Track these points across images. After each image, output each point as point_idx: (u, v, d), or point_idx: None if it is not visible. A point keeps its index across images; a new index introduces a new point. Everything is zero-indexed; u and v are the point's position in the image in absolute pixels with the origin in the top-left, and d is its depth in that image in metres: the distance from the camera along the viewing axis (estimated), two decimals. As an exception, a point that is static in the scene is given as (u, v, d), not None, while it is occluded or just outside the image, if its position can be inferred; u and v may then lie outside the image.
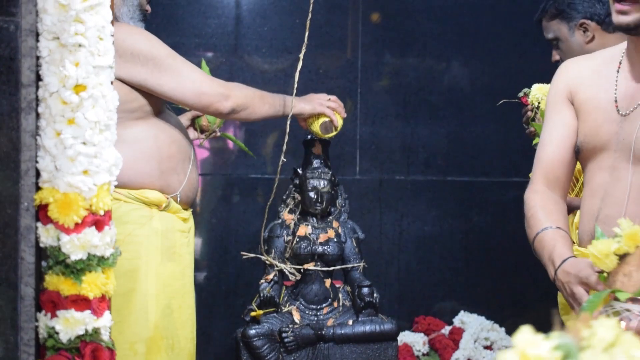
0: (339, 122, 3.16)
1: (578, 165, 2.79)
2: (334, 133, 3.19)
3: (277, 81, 4.33)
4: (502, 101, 2.94)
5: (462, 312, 4.43)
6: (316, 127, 3.14)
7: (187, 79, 2.73)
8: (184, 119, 3.12)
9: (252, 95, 2.89)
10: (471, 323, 4.32)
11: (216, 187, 4.47)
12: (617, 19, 2.27)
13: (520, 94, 2.85)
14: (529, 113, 2.83)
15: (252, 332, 3.24)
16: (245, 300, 3.39)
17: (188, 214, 2.89)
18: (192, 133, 3.15)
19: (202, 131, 3.15)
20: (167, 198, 2.75)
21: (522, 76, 2.93)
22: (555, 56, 3.03)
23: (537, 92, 2.79)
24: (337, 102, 3.15)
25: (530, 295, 4.22)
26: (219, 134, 3.24)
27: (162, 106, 2.81)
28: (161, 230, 2.74)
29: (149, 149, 2.72)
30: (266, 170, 4.32)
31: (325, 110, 3.11)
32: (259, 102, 2.89)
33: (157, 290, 2.71)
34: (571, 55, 2.90)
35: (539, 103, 2.78)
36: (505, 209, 4.42)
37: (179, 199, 2.80)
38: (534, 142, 2.80)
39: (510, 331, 4.31)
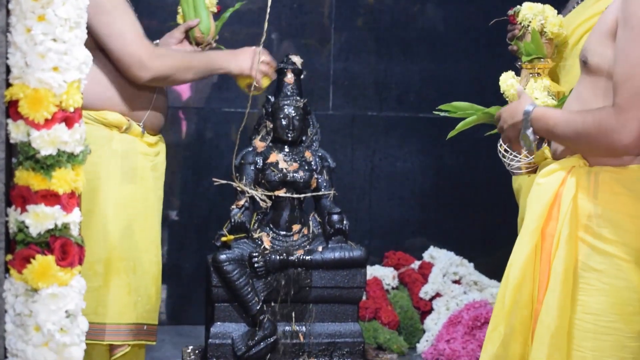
0: (264, 84, 3.04)
1: (560, 87, 2.80)
2: (260, 92, 3.09)
3: (251, 16, 4.32)
4: (493, 21, 2.93)
5: (431, 247, 4.49)
6: (242, 85, 3.07)
7: (120, 33, 2.65)
8: (178, 32, 3.03)
9: (176, 66, 2.78)
10: (440, 258, 4.37)
11: (189, 121, 4.47)
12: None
13: (510, 12, 2.84)
14: (516, 32, 2.82)
15: (223, 257, 3.27)
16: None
17: (155, 139, 2.85)
18: (188, 45, 3.10)
19: (197, 43, 3.10)
20: (128, 120, 2.73)
21: (496, 14, 2.92)
22: None
23: (527, 11, 2.78)
24: (269, 65, 3.03)
25: (499, 232, 4.27)
26: (214, 45, 3.17)
27: None
28: (121, 151, 2.71)
29: (111, 74, 2.70)
30: (240, 104, 4.31)
31: (252, 73, 2.97)
32: (182, 72, 2.80)
33: (116, 211, 2.68)
34: None
35: (529, 23, 2.77)
36: (477, 146, 4.45)
37: (142, 126, 2.78)
38: (524, 59, 2.80)
39: (478, 267, 4.38)
